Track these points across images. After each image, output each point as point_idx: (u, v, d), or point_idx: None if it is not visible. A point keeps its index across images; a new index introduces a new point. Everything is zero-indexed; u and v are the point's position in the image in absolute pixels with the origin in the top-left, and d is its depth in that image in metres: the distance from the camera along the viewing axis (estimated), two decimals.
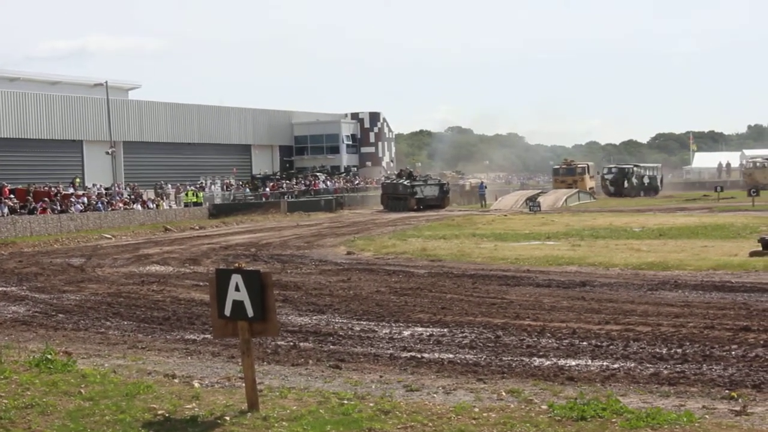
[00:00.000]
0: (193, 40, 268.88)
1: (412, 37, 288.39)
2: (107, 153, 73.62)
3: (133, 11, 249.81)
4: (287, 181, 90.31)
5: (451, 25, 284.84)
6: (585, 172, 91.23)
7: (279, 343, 15.27)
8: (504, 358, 13.61)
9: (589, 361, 13.28)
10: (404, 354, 14.23)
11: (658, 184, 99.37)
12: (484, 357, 13.79)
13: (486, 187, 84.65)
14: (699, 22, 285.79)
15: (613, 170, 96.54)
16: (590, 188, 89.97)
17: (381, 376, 12.52)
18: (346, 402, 10.34)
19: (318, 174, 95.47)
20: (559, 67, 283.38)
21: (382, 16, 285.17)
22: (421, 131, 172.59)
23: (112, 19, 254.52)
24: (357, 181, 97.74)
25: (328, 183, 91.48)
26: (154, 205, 67.03)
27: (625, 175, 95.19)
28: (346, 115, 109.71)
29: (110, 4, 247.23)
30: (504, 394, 11.12)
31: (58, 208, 56.97)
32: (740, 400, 10.52)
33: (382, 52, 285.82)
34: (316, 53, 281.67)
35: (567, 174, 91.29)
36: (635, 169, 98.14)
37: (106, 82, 74.28)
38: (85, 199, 61.38)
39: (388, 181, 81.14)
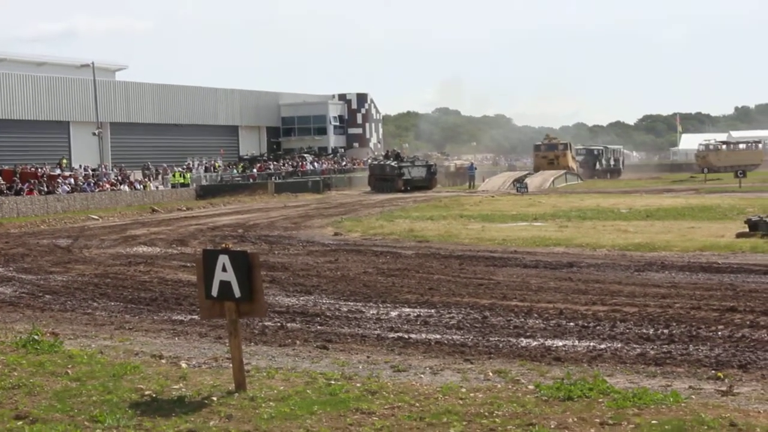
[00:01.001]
0: (180, 21, 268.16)
1: (401, 18, 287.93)
2: (94, 134, 73.44)
3: None
4: (274, 162, 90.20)
5: (440, 7, 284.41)
6: (567, 149, 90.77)
7: (266, 323, 15.27)
8: (491, 339, 13.63)
9: (576, 341, 13.31)
10: (391, 334, 14.25)
11: (621, 165, 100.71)
12: (471, 337, 13.81)
13: (476, 169, 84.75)
14: (687, 4, 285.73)
15: (582, 152, 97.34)
16: (571, 166, 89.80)
17: (368, 357, 12.54)
18: (333, 382, 10.34)
19: (305, 155, 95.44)
20: (547, 49, 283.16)
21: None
22: (409, 112, 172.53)
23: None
24: (344, 163, 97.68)
25: (316, 164, 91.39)
26: (141, 186, 66.87)
27: (595, 157, 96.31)
28: (333, 96, 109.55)
29: None
30: (491, 374, 11.14)
31: (45, 189, 56.85)
32: (726, 381, 10.56)
33: (369, 33, 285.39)
34: (304, 34, 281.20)
35: (548, 150, 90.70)
36: (604, 151, 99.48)
37: (93, 63, 74.05)
38: (72, 180, 61.24)
39: (376, 163, 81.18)
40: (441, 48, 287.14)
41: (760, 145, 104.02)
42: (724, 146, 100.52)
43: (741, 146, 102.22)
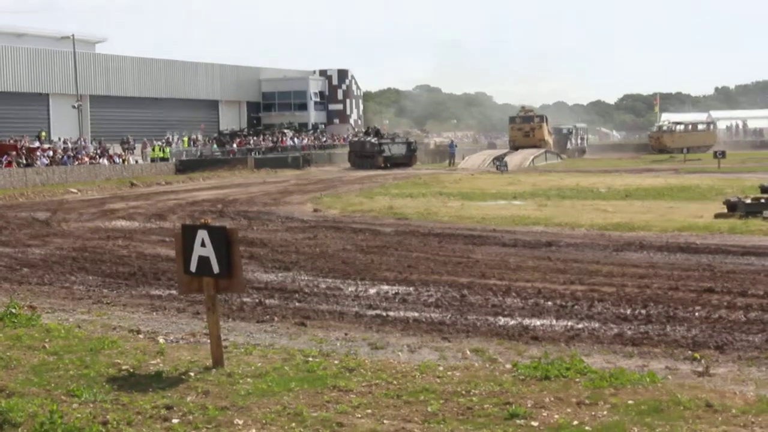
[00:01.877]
0: None
1: None
2: (74, 107, 73.09)
3: None
4: (254, 138, 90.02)
5: None
6: (543, 121, 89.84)
7: (244, 299, 15.27)
8: (469, 317, 13.66)
9: (554, 320, 13.35)
10: (370, 312, 14.26)
11: (585, 144, 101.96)
12: (450, 316, 13.84)
13: (456, 146, 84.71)
14: None
15: (552, 132, 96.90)
16: (547, 139, 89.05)
17: (346, 334, 12.55)
18: (311, 359, 10.35)
19: (285, 131, 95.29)
20: (526, 28, 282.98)
21: None
22: (389, 89, 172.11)
23: None
24: (324, 139, 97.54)
25: (296, 140, 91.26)
26: (121, 160, 66.62)
27: (565, 137, 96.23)
28: (314, 71, 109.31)
29: None
30: (469, 353, 11.17)
31: (24, 161, 56.62)
32: (703, 361, 10.61)
33: (352, 8, 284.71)
34: (286, 8, 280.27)
35: (524, 122, 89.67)
36: (574, 130, 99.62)
37: (73, 35, 73.66)
38: (51, 153, 61.00)
39: (356, 139, 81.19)
40: (422, 25, 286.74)
41: (711, 127, 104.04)
42: (678, 127, 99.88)
43: (693, 127, 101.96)
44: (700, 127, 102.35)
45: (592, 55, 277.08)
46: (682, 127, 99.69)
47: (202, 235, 9.83)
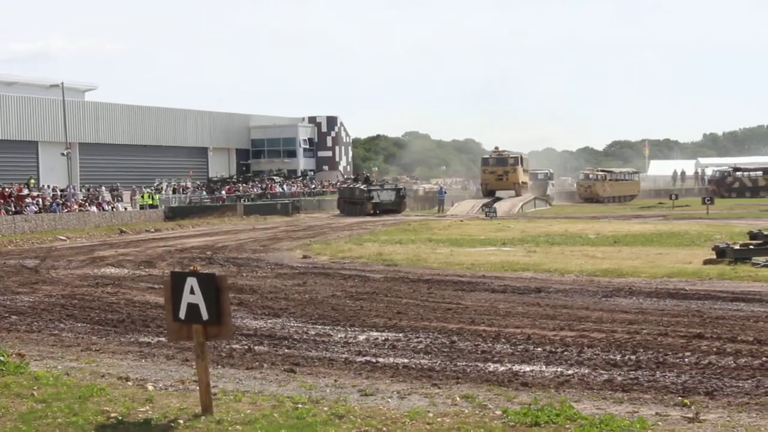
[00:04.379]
0: (152, 43, 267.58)
1: (370, 40, 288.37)
2: (63, 154, 73.14)
3: (92, 13, 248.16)
4: (244, 185, 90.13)
5: (409, 27, 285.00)
6: (518, 163, 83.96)
7: (234, 346, 15.23)
8: (459, 364, 13.63)
9: (544, 366, 13.32)
10: (359, 358, 14.23)
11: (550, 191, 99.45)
12: (439, 362, 13.81)
13: (446, 193, 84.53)
14: (657, 31, 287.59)
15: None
16: (523, 182, 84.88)
17: (336, 381, 12.51)
18: (300, 406, 10.32)
19: (275, 177, 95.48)
20: (515, 74, 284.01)
21: (342, 20, 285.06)
22: (378, 136, 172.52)
23: (71, 21, 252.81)
24: (314, 185, 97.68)
25: (285, 187, 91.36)
26: (110, 207, 66.56)
27: (543, 182, 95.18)
28: (303, 118, 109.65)
29: (70, 6, 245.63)
30: (458, 399, 11.13)
31: (13, 209, 56.57)
32: (693, 407, 10.59)
33: (340, 55, 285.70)
34: (274, 56, 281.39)
35: (497, 164, 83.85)
36: (551, 175, 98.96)
37: (62, 83, 73.81)
38: (40, 201, 60.97)
39: (345, 186, 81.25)
40: (412, 70, 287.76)
41: (636, 177, 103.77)
42: (608, 176, 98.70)
43: (621, 177, 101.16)
44: (626, 176, 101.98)
45: (580, 102, 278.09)
46: (611, 176, 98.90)
47: (192, 282, 9.83)
